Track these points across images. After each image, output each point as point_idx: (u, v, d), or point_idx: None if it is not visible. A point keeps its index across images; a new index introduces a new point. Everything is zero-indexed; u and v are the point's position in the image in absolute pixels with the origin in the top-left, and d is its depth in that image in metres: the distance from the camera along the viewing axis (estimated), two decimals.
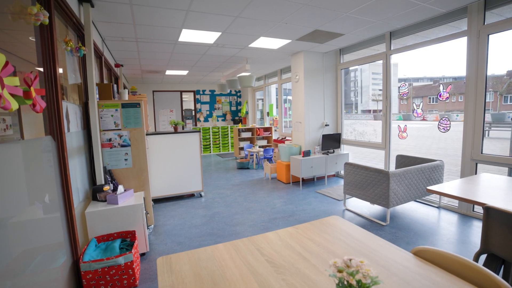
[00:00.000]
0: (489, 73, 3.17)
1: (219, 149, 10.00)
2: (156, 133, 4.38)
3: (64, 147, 2.03)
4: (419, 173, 3.40)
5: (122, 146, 3.10)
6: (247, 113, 10.21)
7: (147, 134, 4.24)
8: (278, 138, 7.89)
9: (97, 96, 3.01)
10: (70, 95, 2.65)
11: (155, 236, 3.26)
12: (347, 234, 1.37)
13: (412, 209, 3.74)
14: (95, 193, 2.79)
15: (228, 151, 10.11)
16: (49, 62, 1.88)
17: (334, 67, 5.65)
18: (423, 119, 30.02)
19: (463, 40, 3.45)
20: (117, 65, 5.83)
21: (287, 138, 7.51)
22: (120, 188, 2.80)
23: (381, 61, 4.85)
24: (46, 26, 1.83)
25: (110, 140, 3.05)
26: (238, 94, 10.85)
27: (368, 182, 3.43)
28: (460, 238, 2.86)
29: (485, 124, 3.29)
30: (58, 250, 2.02)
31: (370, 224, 3.34)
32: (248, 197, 4.65)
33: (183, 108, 10.27)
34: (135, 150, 3.16)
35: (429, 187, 2.02)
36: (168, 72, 7.46)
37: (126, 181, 3.18)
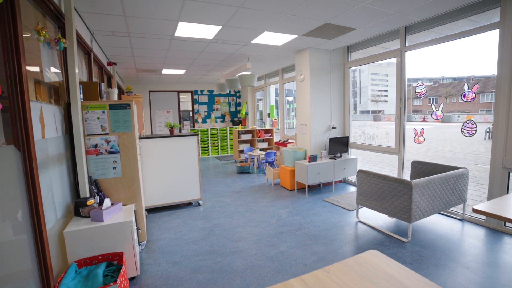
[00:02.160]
0: (490, 73, 2.85)
1: (218, 151, 9.63)
2: (150, 137, 4.00)
3: (33, 157, 1.65)
4: (443, 183, 3.06)
5: (110, 152, 2.73)
6: (246, 114, 9.85)
7: (140, 138, 3.87)
8: (279, 140, 7.54)
9: (81, 96, 2.64)
10: (48, 95, 2.28)
11: (147, 254, 2.89)
12: (400, 284, 1.01)
13: (433, 222, 3.39)
14: (77, 207, 2.41)
15: (227, 153, 9.74)
16: (10, 53, 1.51)
17: (342, 66, 5.31)
18: (424, 120, 29.82)
19: (470, 39, 3.12)
20: (109, 63, 5.45)
21: (289, 140, 7.15)
22: (107, 202, 2.43)
23: (381, 62, 4.64)
24: (5, 5, 1.46)
25: (96, 146, 2.68)
26: (237, 94, 10.49)
27: (386, 193, 3.08)
28: (497, 260, 2.51)
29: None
30: (25, 280, 1.65)
31: (388, 240, 2.99)
32: (250, 206, 4.29)
33: (181, 109, 9.89)
34: (124, 157, 2.79)
35: (477, 207, 1.66)
36: (164, 71, 7.09)
37: (115, 192, 2.81)
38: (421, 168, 3.80)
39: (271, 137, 8.39)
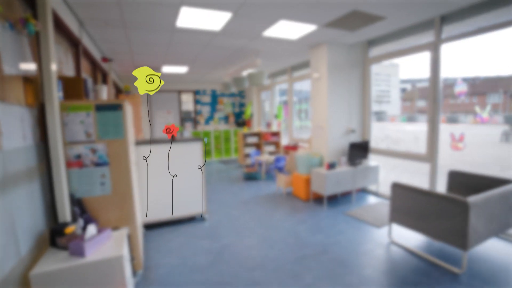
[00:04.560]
0: (496, 73, 2.35)
1: (221, 154, 9.12)
2: (148, 142, 3.49)
3: None
4: (501, 201, 2.53)
5: (97, 164, 2.21)
6: (251, 115, 9.32)
7: (137, 144, 3.35)
8: (288, 144, 7.01)
9: (61, 94, 2.12)
10: (10, 93, 1.76)
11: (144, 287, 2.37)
12: None
13: (487, 247, 2.82)
14: (54, 236, 1.90)
15: (231, 156, 9.23)
16: None
17: (361, 63, 4.79)
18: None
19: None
20: (104, 59, 4.93)
21: (299, 144, 6.62)
22: (91, 230, 1.90)
23: (385, 62, 4.22)
24: None
25: (79, 156, 2.16)
26: (242, 94, 9.97)
27: (431, 212, 2.55)
28: None
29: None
30: None
31: (435, 271, 2.46)
32: (263, 220, 3.76)
33: (182, 110, 9.36)
34: (115, 169, 2.27)
35: None
36: (165, 69, 6.58)
37: (104, 212, 2.29)
38: (461, 180, 3.27)
39: (278, 140, 7.87)
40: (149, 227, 3.60)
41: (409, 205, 2.78)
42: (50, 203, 2.04)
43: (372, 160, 4.85)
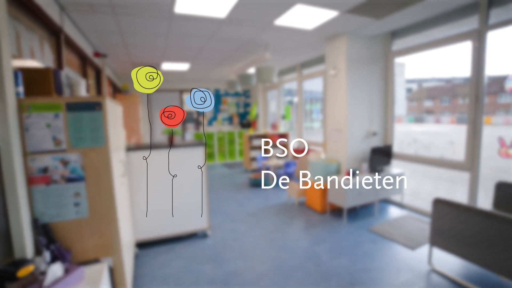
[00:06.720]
0: (500, 74, 1.81)
1: (225, 157, 8.63)
2: (142, 148, 3.00)
3: None
4: None
5: (70, 180, 1.71)
6: (257, 116, 8.81)
7: (128, 150, 2.87)
8: (297, 147, 6.50)
9: (21, 89, 1.63)
10: None
11: None
12: None
13: None
14: (4, 281, 1.40)
15: (235, 159, 8.73)
16: None
17: (382, 56, 4.26)
18: (437, 122, 28.50)
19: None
20: (97, 54, 4.45)
21: (310, 147, 6.10)
22: (54, 271, 1.41)
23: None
24: None
25: (45, 170, 1.66)
26: (247, 94, 9.46)
27: (493, 239, 2.03)
28: None
29: None
30: None
31: None
32: (274, 238, 3.25)
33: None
34: (93, 186, 1.77)
35: None
36: (165, 66, 6.09)
37: (79, 241, 1.79)
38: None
39: (287, 142, 7.35)
40: (143, 245, 3.11)
41: (459, 228, 2.25)
42: (5, 232, 1.55)
43: (394, 167, 4.32)
